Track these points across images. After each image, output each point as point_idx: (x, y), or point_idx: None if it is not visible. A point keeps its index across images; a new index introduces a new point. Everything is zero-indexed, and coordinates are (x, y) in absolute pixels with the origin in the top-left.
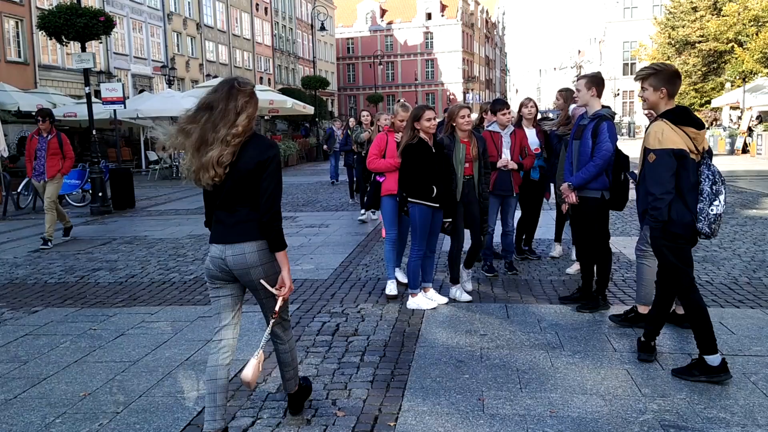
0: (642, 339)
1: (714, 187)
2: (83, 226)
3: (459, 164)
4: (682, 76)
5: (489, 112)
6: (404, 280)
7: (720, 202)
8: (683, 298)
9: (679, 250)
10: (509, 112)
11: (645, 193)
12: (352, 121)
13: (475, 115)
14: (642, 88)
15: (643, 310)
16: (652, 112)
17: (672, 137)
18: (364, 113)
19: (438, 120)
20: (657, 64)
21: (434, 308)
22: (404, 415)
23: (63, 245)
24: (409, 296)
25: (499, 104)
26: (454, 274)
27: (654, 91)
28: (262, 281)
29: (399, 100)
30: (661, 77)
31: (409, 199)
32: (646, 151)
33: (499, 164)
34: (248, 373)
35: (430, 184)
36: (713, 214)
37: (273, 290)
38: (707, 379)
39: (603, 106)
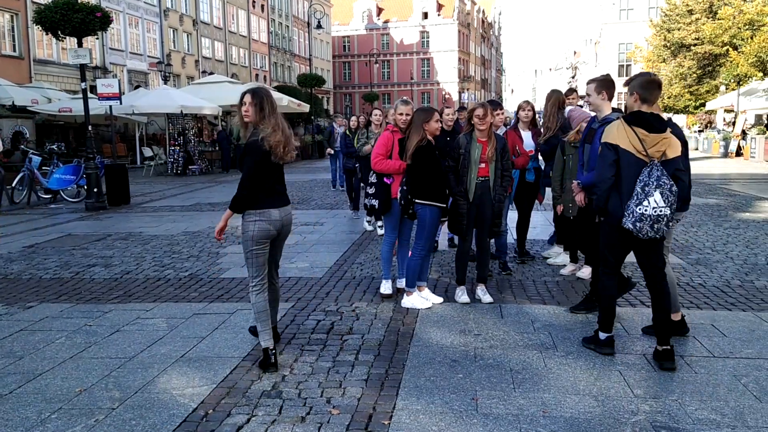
0: (658, 348)
1: (646, 189)
2: (78, 222)
3: (474, 165)
4: (677, 79)
5: None
6: (401, 286)
7: (650, 203)
8: (599, 280)
9: (612, 243)
10: (502, 113)
11: None
12: (353, 121)
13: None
14: None
15: (676, 317)
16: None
17: (613, 133)
18: (377, 112)
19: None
20: (641, 72)
21: (429, 307)
22: (398, 414)
23: (58, 240)
24: (404, 295)
25: (493, 105)
26: (459, 276)
27: (629, 95)
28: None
29: (403, 99)
30: (635, 83)
31: (418, 201)
32: None
33: None
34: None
35: (442, 185)
36: (638, 213)
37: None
38: (595, 348)
39: (613, 109)
